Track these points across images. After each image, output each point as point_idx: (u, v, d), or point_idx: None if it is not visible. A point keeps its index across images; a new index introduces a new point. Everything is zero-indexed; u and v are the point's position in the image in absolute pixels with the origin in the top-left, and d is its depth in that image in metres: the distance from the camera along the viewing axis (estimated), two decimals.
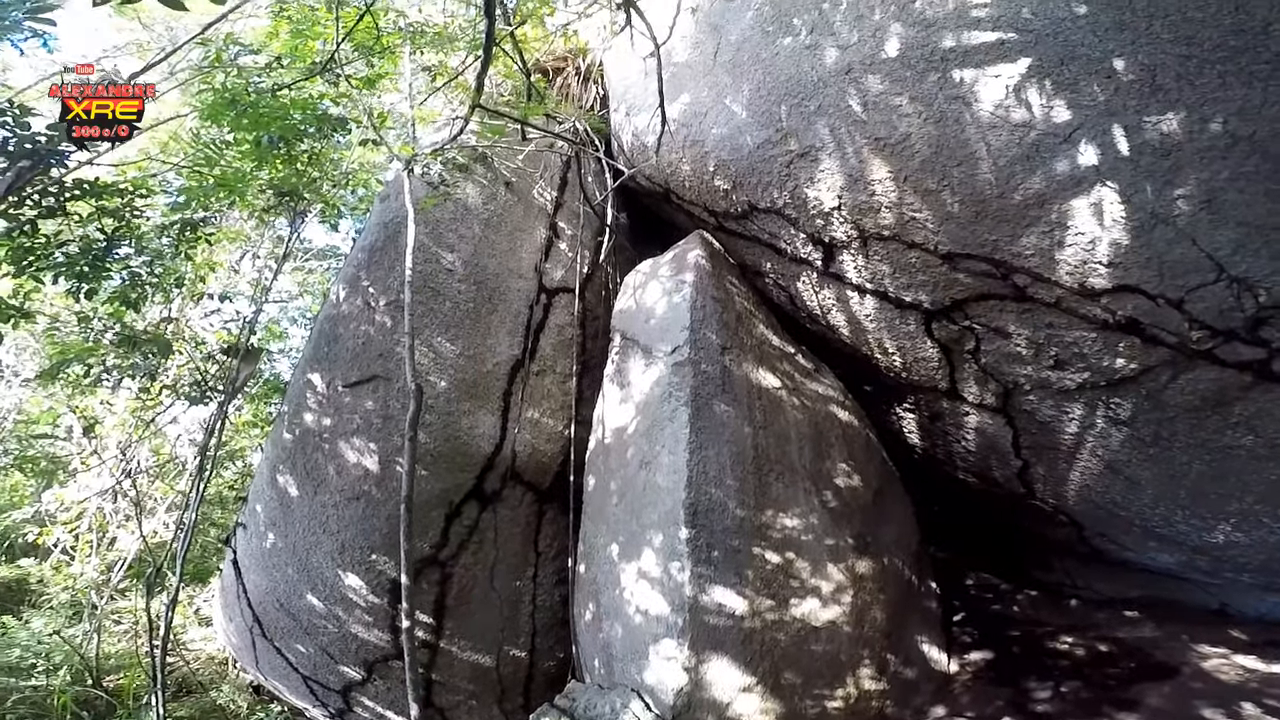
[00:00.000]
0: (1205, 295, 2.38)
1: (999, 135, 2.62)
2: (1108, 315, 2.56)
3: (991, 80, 2.61)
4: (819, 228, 3.31)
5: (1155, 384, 2.60)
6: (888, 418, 3.80)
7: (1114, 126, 2.43)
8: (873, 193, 3.03)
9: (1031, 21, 2.52)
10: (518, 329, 3.94)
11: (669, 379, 3.10)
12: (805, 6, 3.19)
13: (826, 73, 3.06)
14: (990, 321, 2.94)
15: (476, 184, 4.11)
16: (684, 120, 3.73)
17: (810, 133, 3.13)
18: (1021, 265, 2.71)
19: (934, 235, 2.92)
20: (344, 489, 3.37)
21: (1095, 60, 2.41)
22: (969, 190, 2.74)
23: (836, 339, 3.63)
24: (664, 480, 2.82)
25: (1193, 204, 2.32)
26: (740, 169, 3.47)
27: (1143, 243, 2.43)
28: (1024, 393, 2.93)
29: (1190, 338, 2.44)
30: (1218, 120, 2.26)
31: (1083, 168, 2.49)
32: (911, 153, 2.84)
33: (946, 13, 2.71)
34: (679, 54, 3.99)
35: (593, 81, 5.13)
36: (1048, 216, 2.61)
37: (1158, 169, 2.36)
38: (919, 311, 3.16)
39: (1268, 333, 2.30)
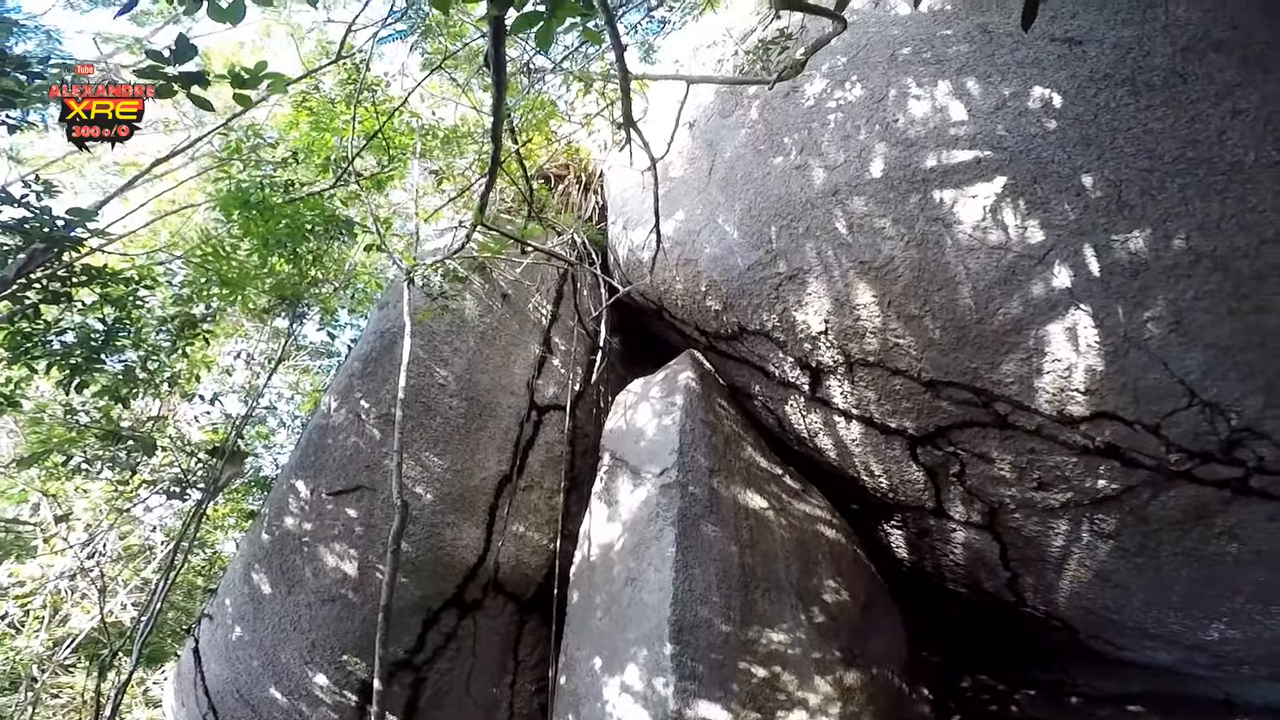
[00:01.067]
0: (1180, 420, 2.50)
1: (977, 258, 2.81)
2: (1087, 441, 2.68)
3: (969, 201, 2.84)
4: (806, 352, 3.46)
5: (1137, 501, 2.71)
6: (876, 534, 3.88)
7: (1085, 246, 2.61)
8: (858, 317, 3.19)
9: (1006, 139, 2.76)
10: (507, 445, 4.04)
11: (657, 499, 3.21)
12: (795, 125, 3.49)
13: (814, 194, 3.31)
14: (974, 447, 3.06)
15: (474, 295, 4.33)
16: (678, 238, 3.98)
17: (799, 255, 3.34)
18: (1002, 393, 2.84)
19: (917, 362, 3.06)
20: (320, 591, 3.43)
21: (1065, 177, 2.63)
22: (950, 316, 2.91)
23: (824, 460, 3.74)
24: (650, 597, 2.91)
25: (1162, 326, 2.48)
26: (731, 290, 3.66)
27: (1117, 369, 2.58)
28: (1009, 511, 3.03)
29: (1169, 460, 2.55)
30: (1180, 236, 2.44)
31: (1057, 290, 2.66)
32: (895, 277, 3.02)
33: (927, 131, 2.97)
34: (675, 169, 4.34)
35: (593, 191, 5.53)
36: (1025, 343, 2.76)
37: (1127, 290, 2.53)
38: (904, 437, 3.28)
39: (1242, 453, 2.42)
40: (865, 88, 3.28)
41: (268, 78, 2.19)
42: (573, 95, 5.47)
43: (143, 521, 7.10)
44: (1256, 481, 2.48)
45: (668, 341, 4.68)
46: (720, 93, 4.12)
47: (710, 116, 4.19)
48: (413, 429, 3.70)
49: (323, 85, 5.05)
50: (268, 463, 7.81)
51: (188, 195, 6.95)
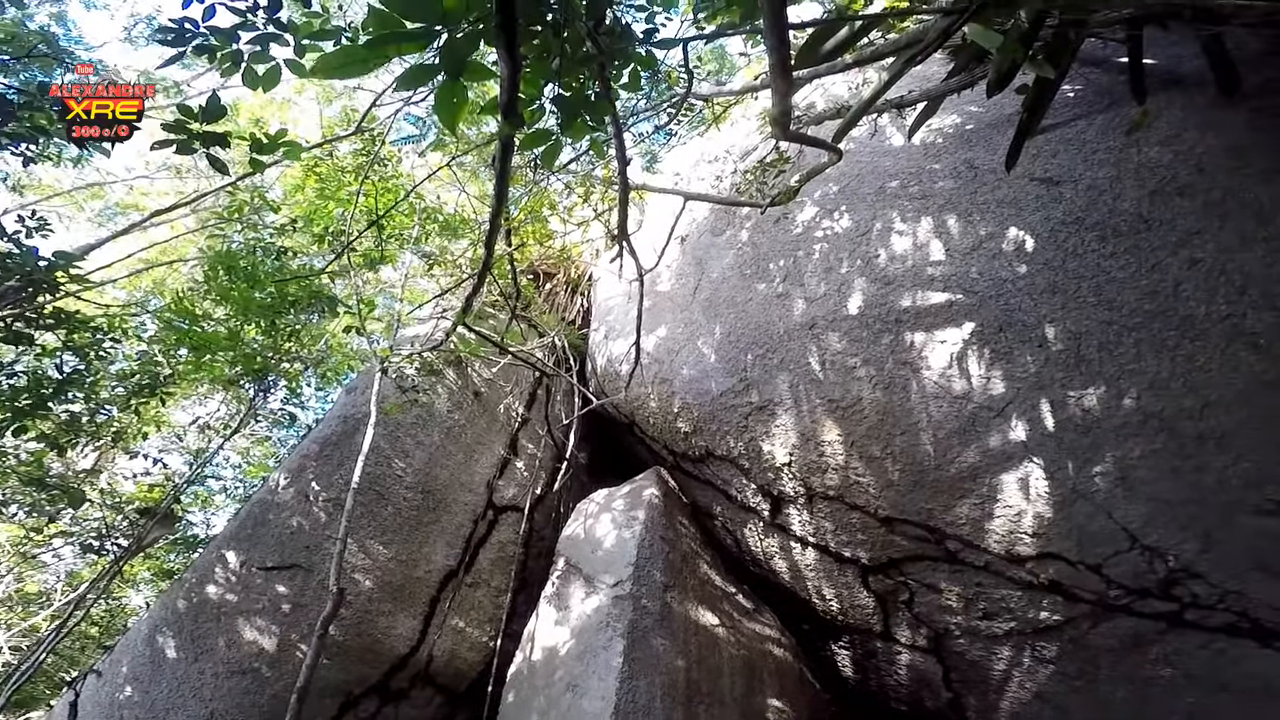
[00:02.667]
0: (1121, 561, 2.72)
1: (940, 406, 3.04)
2: (1032, 577, 2.88)
3: (939, 346, 3.09)
4: (769, 480, 3.62)
5: (1077, 631, 2.90)
6: (824, 653, 3.96)
7: (1042, 401, 2.85)
8: (822, 453, 3.36)
9: (978, 282, 3.04)
10: (457, 541, 4.03)
11: (609, 609, 3.25)
12: (782, 251, 3.80)
13: (793, 325, 3.57)
14: (923, 579, 3.23)
15: (446, 389, 4.44)
16: (657, 355, 4.20)
17: (771, 387, 3.56)
18: (954, 533, 3.03)
19: (875, 499, 3.23)
20: (231, 662, 3.35)
21: (1030, 326, 2.90)
22: (909, 460, 3.10)
23: (778, 582, 3.85)
24: (590, 705, 2.92)
25: (1109, 480, 2.71)
26: (703, 414, 3.85)
27: (1064, 516, 2.79)
28: (954, 637, 3.19)
29: (1109, 596, 2.76)
30: (1131, 395, 2.68)
31: (1013, 442, 2.87)
32: (861, 417, 3.23)
33: (905, 270, 3.26)
34: (663, 283, 4.66)
35: (580, 293, 5.86)
36: (979, 489, 2.96)
37: (1079, 446, 2.75)
38: (857, 566, 3.44)
39: (1179, 590, 2.65)
40: (852, 219, 3.65)
41: (285, 145, 2.38)
42: (573, 198, 5.93)
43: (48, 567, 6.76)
44: (1190, 614, 2.70)
45: (635, 455, 4.79)
46: (715, 210, 4.52)
47: (702, 234, 4.58)
48: (361, 516, 3.69)
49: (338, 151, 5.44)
50: (199, 524, 7.57)
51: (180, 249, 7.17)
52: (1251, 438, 2.55)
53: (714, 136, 5.45)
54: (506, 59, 1.71)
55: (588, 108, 2.13)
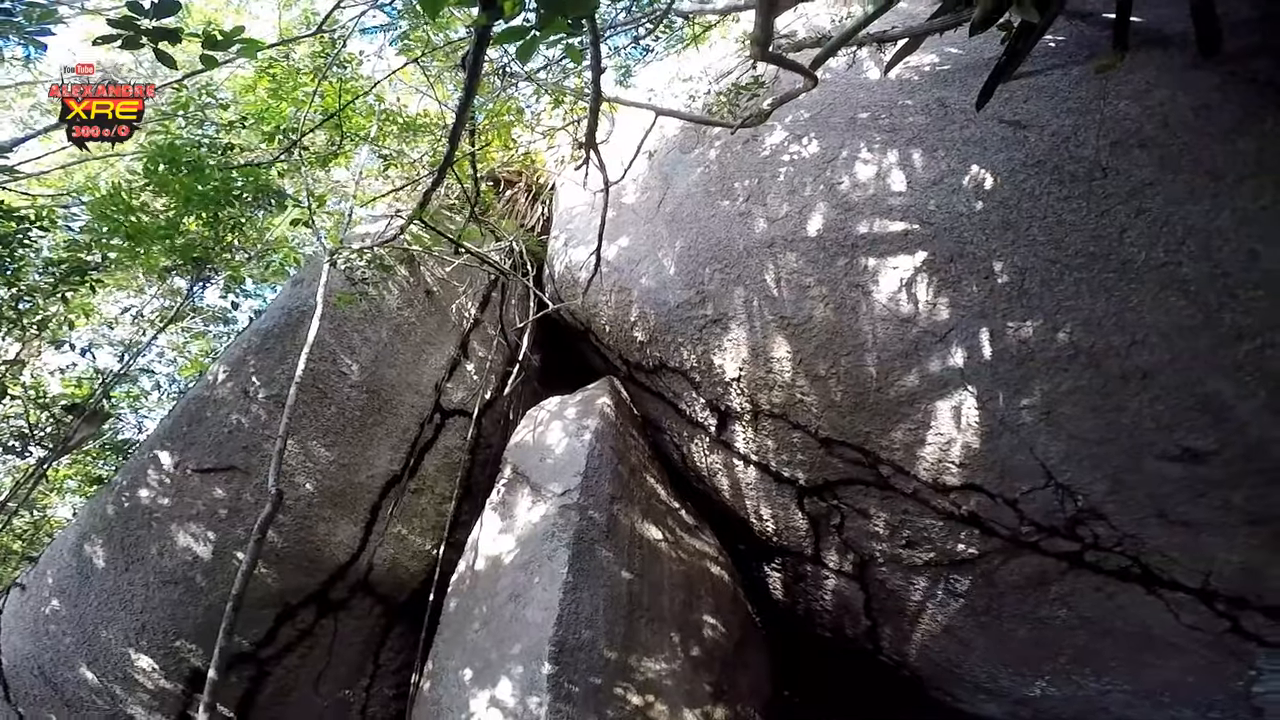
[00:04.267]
0: (1036, 498, 2.93)
1: (886, 328, 3.16)
2: (954, 508, 3.09)
3: (890, 271, 3.17)
4: (718, 395, 3.73)
5: (989, 566, 3.14)
6: (756, 574, 4.21)
7: (982, 330, 2.98)
8: (770, 370, 3.47)
9: (935, 214, 3.11)
10: (403, 445, 4.05)
11: (555, 518, 3.33)
12: (748, 172, 3.79)
13: (752, 242, 3.59)
14: (855, 503, 3.43)
15: (397, 286, 4.36)
16: (617, 264, 4.18)
17: (727, 300, 3.61)
18: (888, 458, 3.20)
19: (816, 419, 3.38)
20: (163, 571, 3.34)
21: (979, 259, 2.99)
22: (853, 380, 3.24)
23: (719, 500, 4.03)
24: (534, 615, 3.04)
25: (1035, 415, 2.88)
26: (659, 324, 3.89)
27: (990, 447, 2.97)
28: (878, 565, 3.43)
29: (1021, 532, 3.01)
30: (1066, 330, 2.82)
31: (951, 369, 3.02)
32: (810, 335, 3.33)
33: (866, 197, 3.31)
34: (628, 195, 4.65)
35: (541, 201, 5.77)
36: (915, 415, 3.12)
37: (1011, 377, 2.91)
38: (794, 486, 3.62)
39: (1083, 531, 2.89)
40: (820, 145, 3.64)
41: (241, 43, 2.22)
42: (542, 105, 5.78)
43: None
44: (1090, 556, 2.94)
45: (589, 364, 4.84)
46: (685, 128, 4.48)
47: (671, 150, 4.54)
48: (303, 415, 3.65)
49: (294, 54, 5.16)
50: (130, 426, 7.43)
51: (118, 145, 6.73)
52: (1171, 379, 2.71)
53: (691, 56, 5.33)
54: None
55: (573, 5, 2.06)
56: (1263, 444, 2.57)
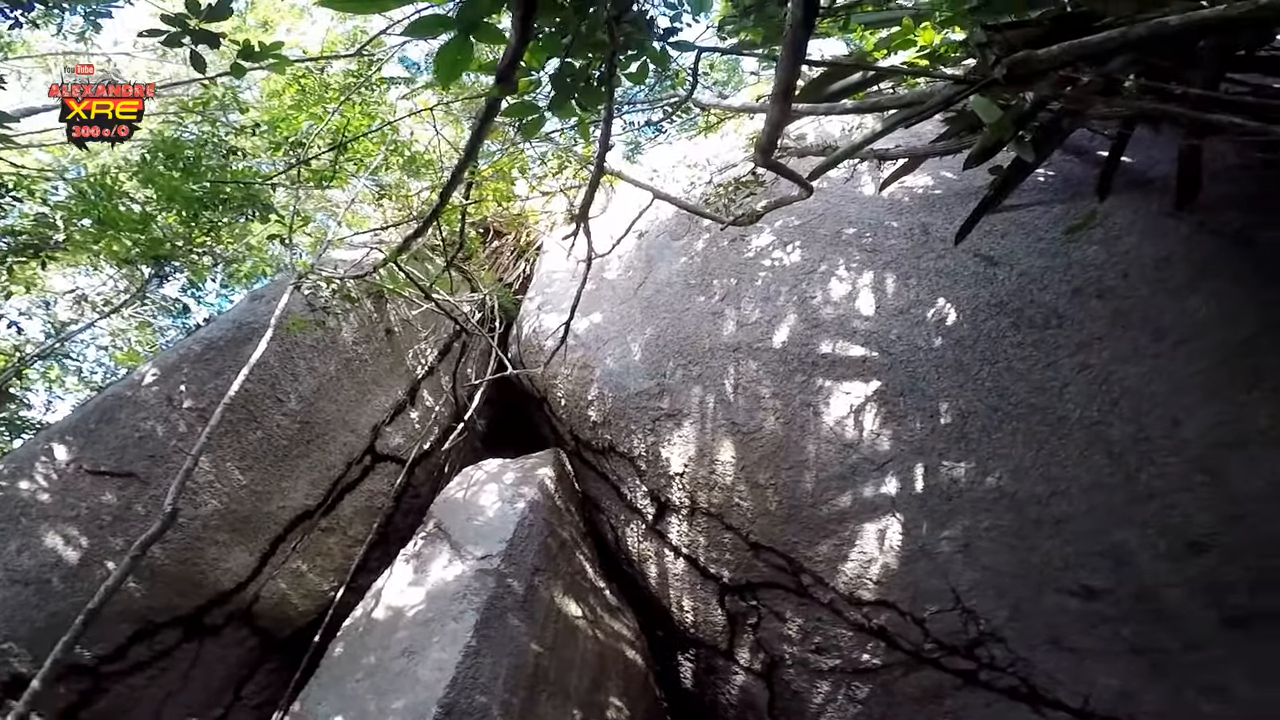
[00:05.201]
0: (942, 618, 3.06)
1: (829, 450, 3.27)
2: (865, 621, 3.20)
3: (843, 395, 3.31)
4: (660, 486, 3.75)
5: (890, 677, 3.21)
6: (670, 662, 4.18)
7: (919, 465, 3.12)
8: (714, 470, 3.50)
9: (895, 344, 3.26)
10: (324, 481, 3.91)
11: (470, 580, 3.25)
12: (728, 270, 3.94)
13: (719, 343, 3.70)
14: (773, 605, 3.49)
15: (358, 319, 4.31)
16: (585, 340, 4.23)
17: (684, 397, 3.69)
18: (810, 569, 3.29)
19: (750, 524, 3.43)
20: (15, 570, 3.11)
21: (928, 396, 3.14)
22: (790, 494, 3.32)
23: (645, 585, 4.03)
24: (426, 673, 2.92)
25: (953, 545, 3.03)
26: (615, 408, 3.92)
27: (907, 570, 3.10)
28: (786, 666, 3.47)
29: (924, 648, 3.14)
30: (995, 475, 2.98)
31: (883, 496, 3.15)
32: (757, 445, 3.41)
33: (833, 316, 3.45)
34: (610, 271, 4.76)
35: (526, 259, 5.88)
36: (842, 533, 3.23)
37: (938, 511, 3.05)
38: (718, 583, 3.65)
39: (981, 651, 3.03)
40: (802, 255, 3.82)
41: (273, 57, 2.32)
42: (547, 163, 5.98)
43: None
44: (984, 674, 3.06)
45: (538, 432, 4.81)
46: (678, 214, 4.64)
47: (661, 234, 4.70)
48: (226, 434, 3.52)
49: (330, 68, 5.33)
50: (38, 407, 7.06)
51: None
52: (1082, 526, 2.89)
53: (700, 144, 5.58)
54: (519, 26, 1.73)
55: (582, 93, 2.15)
56: (1154, 587, 2.80)
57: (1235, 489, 2.73)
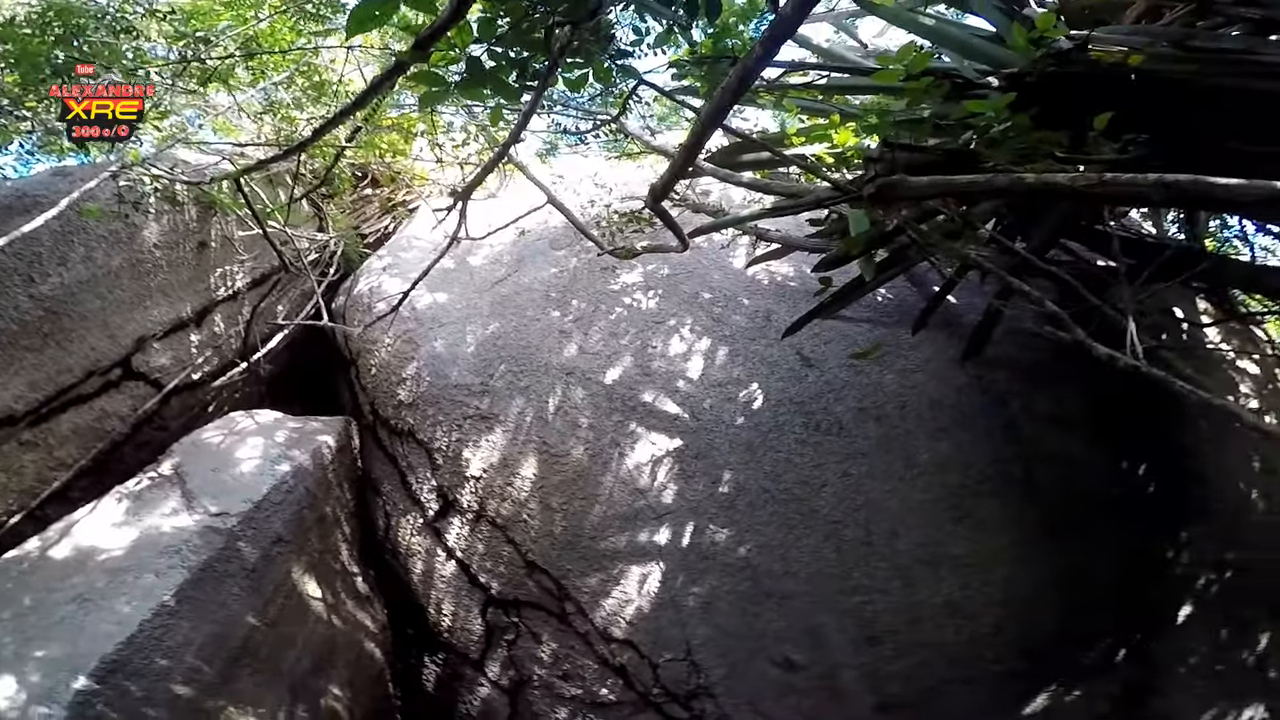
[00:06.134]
0: (673, 667, 3.36)
1: (622, 491, 3.49)
2: (610, 656, 3.42)
3: (648, 445, 3.54)
4: (452, 485, 3.70)
5: (620, 714, 3.45)
6: (414, 661, 4.05)
7: (691, 524, 3.45)
8: (511, 483, 3.54)
9: (705, 413, 3.64)
10: (46, 385, 3.30)
11: (191, 537, 2.94)
12: (591, 296, 4.07)
13: (556, 363, 3.78)
14: (533, 626, 3.58)
15: (172, 223, 3.83)
16: (420, 316, 4.07)
17: (505, 404, 3.70)
18: (576, 598, 3.44)
19: (531, 543, 3.51)
20: None
21: (717, 465, 3.53)
22: (575, 524, 3.47)
23: (405, 581, 3.90)
24: (98, 625, 2.58)
25: (699, 601, 3.36)
26: (429, 394, 3.81)
27: (655, 616, 3.37)
28: (532, 687, 3.57)
29: (652, 692, 3.43)
30: (747, 546, 3.37)
31: (654, 545, 3.42)
32: (561, 470, 3.54)
33: (664, 370, 3.75)
34: (476, 257, 4.66)
35: (394, 217, 5.62)
36: (612, 571, 3.43)
37: (694, 568, 3.38)
38: (485, 594, 3.66)
39: (696, 704, 3.36)
40: (658, 305, 4.05)
41: None
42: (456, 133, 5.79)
43: None
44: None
45: (335, 396, 4.54)
46: (566, 226, 4.68)
47: (541, 239, 4.71)
48: None
49: None
50: None
51: None
52: (800, 606, 3.35)
53: (616, 167, 5.68)
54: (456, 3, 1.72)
55: (496, 85, 2.11)
56: (836, 667, 3.31)
57: (918, 598, 3.31)
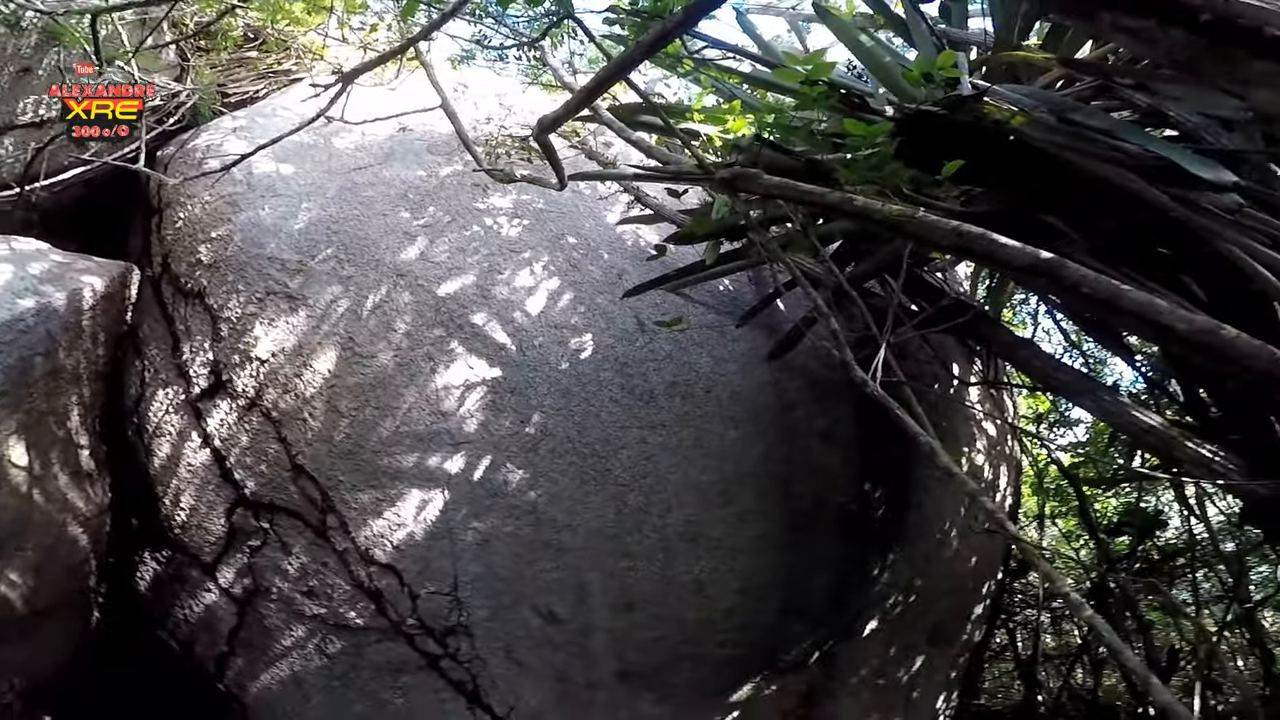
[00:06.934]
0: (434, 600, 3.27)
1: (422, 410, 3.33)
2: (367, 580, 3.26)
3: (463, 368, 3.42)
4: (230, 363, 3.35)
5: (365, 639, 3.30)
6: (132, 555, 3.71)
7: (487, 459, 3.37)
8: (300, 375, 3.27)
9: (530, 350, 3.56)
10: None
11: None
12: (453, 208, 3.88)
13: (390, 263, 3.55)
14: (285, 535, 3.30)
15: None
16: (253, 181, 3.68)
17: (317, 291, 3.41)
18: (343, 512, 3.23)
19: (305, 445, 3.24)
20: None
21: (528, 405, 3.44)
22: (361, 434, 3.26)
23: (143, 463, 3.50)
24: None
25: (476, 538, 3.30)
26: (237, 260, 3.46)
27: (428, 546, 3.26)
28: (269, 599, 3.32)
29: (406, 623, 3.31)
30: (538, 490, 3.36)
31: (444, 473, 3.29)
32: (362, 371, 3.31)
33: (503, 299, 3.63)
34: (343, 140, 4.24)
35: (272, 84, 5.14)
36: (390, 492, 3.26)
37: (479, 504, 3.32)
38: (238, 492, 3.31)
39: (451, 641, 3.30)
40: (520, 235, 3.94)
41: None
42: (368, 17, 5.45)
43: None
44: (445, 664, 3.33)
45: (125, 240, 4.09)
46: (451, 136, 4.44)
47: (420, 139, 4.35)
48: None
49: None
50: None
51: None
52: (572, 560, 3.37)
53: (528, 93, 5.49)
54: None
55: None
56: (590, 628, 3.40)
57: (674, 572, 3.41)
